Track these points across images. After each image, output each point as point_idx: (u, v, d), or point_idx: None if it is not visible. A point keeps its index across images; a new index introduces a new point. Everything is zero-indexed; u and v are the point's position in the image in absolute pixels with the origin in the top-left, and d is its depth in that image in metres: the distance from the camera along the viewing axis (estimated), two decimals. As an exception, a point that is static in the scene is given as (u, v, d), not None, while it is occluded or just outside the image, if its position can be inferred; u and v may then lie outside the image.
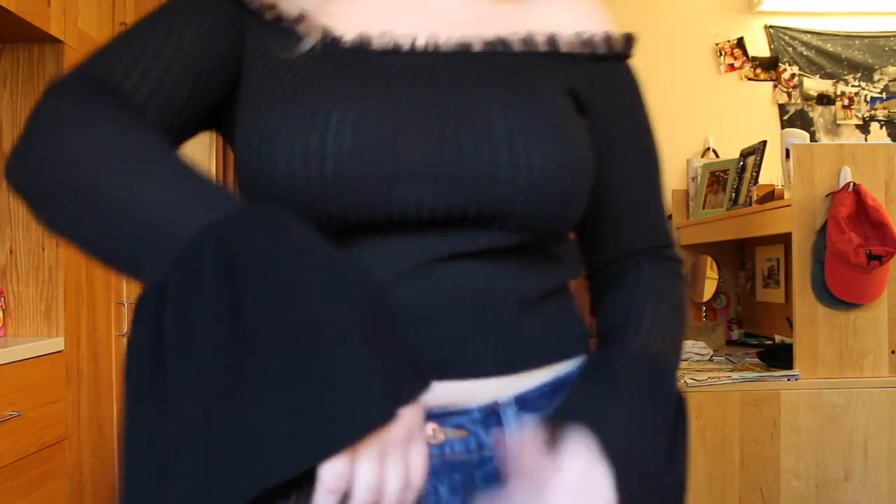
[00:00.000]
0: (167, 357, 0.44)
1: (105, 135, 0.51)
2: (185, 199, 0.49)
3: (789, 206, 1.97)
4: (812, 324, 1.93)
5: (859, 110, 3.11)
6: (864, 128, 3.11)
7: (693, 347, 2.24)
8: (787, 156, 2.02)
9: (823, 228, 1.91)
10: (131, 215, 0.48)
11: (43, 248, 2.12)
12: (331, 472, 0.43)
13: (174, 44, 0.58)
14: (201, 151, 3.13)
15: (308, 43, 0.60)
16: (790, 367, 1.96)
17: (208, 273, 0.45)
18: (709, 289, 2.90)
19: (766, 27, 3.13)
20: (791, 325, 1.99)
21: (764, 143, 2.48)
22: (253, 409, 0.42)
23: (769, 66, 3.12)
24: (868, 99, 3.11)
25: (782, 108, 3.12)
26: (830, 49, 3.12)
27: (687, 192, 2.94)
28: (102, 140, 0.51)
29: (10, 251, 2.12)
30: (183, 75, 0.59)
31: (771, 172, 2.68)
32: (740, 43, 3.13)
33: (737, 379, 1.89)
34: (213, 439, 0.43)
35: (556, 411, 0.58)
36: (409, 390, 0.46)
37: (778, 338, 2.51)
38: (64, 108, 0.53)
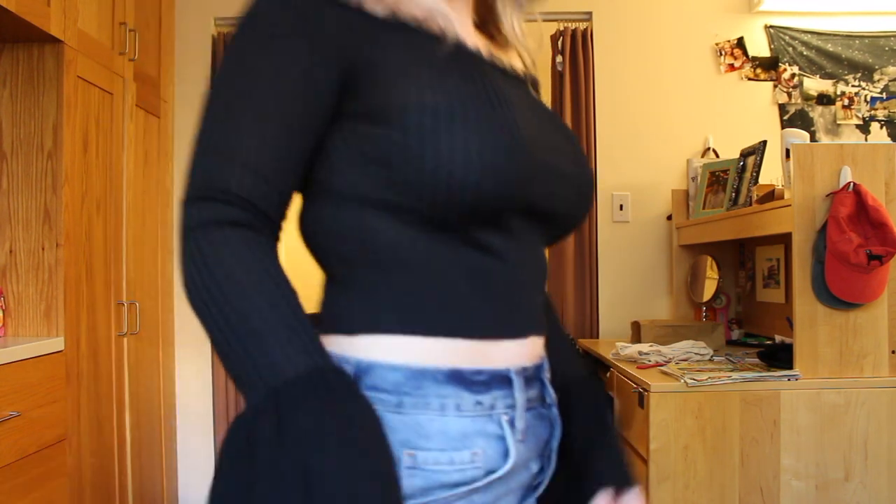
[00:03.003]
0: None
1: (228, 261, 0.62)
2: (288, 351, 0.60)
3: (789, 206, 1.97)
4: (812, 324, 1.93)
5: (859, 110, 3.11)
6: (864, 128, 3.11)
7: (693, 347, 2.24)
8: (787, 156, 2.02)
9: (823, 228, 1.91)
10: (255, 363, 0.60)
11: (43, 248, 2.11)
12: None
13: (286, 145, 0.65)
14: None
15: (453, 46, 0.69)
16: (790, 367, 1.96)
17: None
18: (709, 289, 2.90)
19: (766, 27, 3.13)
20: (791, 325, 1.99)
21: (764, 143, 2.48)
22: None
23: (769, 66, 3.12)
24: (868, 99, 3.11)
25: (782, 108, 3.12)
26: (830, 49, 3.12)
27: (687, 192, 2.95)
28: (225, 267, 0.62)
29: (10, 251, 2.12)
30: (299, 157, 0.67)
31: (771, 172, 2.68)
32: (740, 43, 3.12)
33: (737, 379, 1.89)
34: None
35: (620, 476, 0.80)
36: None
37: (778, 338, 2.51)
38: (209, 246, 0.63)
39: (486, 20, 0.86)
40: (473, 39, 0.77)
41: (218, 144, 0.65)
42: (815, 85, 3.12)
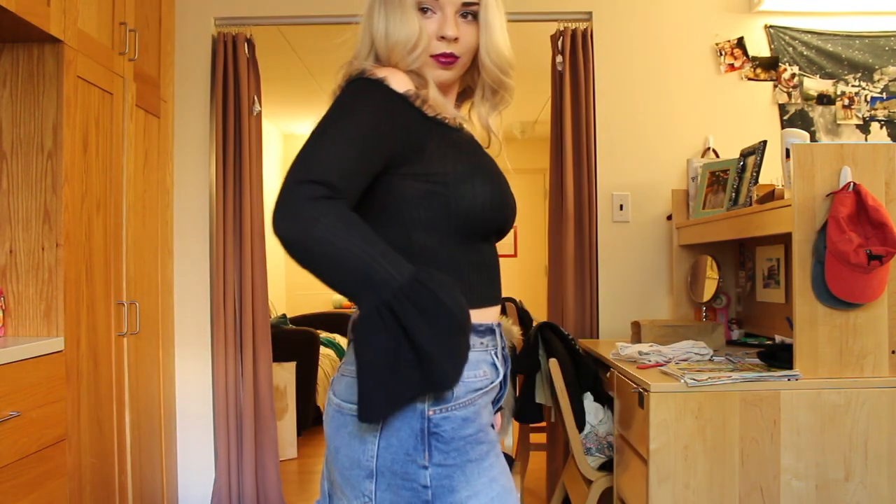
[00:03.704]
0: (407, 330, 0.95)
1: (341, 222, 0.95)
2: (388, 265, 0.97)
3: (789, 206, 1.97)
4: (812, 324, 1.93)
5: (859, 110, 3.11)
6: (864, 128, 3.11)
7: (693, 347, 2.24)
8: (788, 156, 2.02)
9: (823, 228, 1.91)
10: (359, 270, 0.95)
11: (43, 248, 2.12)
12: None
13: (371, 172, 1.04)
14: (202, 155, 3.13)
15: (466, 135, 1.20)
16: (790, 367, 1.96)
17: (417, 302, 0.97)
18: (709, 289, 2.90)
19: (766, 27, 3.13)
20: (791, 325, 1.99)
21: (764, 143, 2.48)
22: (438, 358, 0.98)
23: (769, 66, 3.12)
24: (868, 99, 3.11)
25: (782, 108, 3.12)
26: (830, 49, 3.12)
27: (687, 192, 2.95)
28: (340, 225, 0.95)
29: (10, 251, 2.12)
30: (366, 178, 1.05)
31: (771, 172, 2.68)
32: (740, 43, 3.12)
33: (737, 379, 1.89)
34: (436, 365, 0.97)
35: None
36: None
37: (778, 338, 2.51)
38: (316, 206, 0.95)
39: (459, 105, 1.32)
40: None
41: (329, 155, 0.99)
42: (815, 85, 3.12)
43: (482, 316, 1.14)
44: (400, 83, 1.10)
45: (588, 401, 2.46)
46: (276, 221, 0.94)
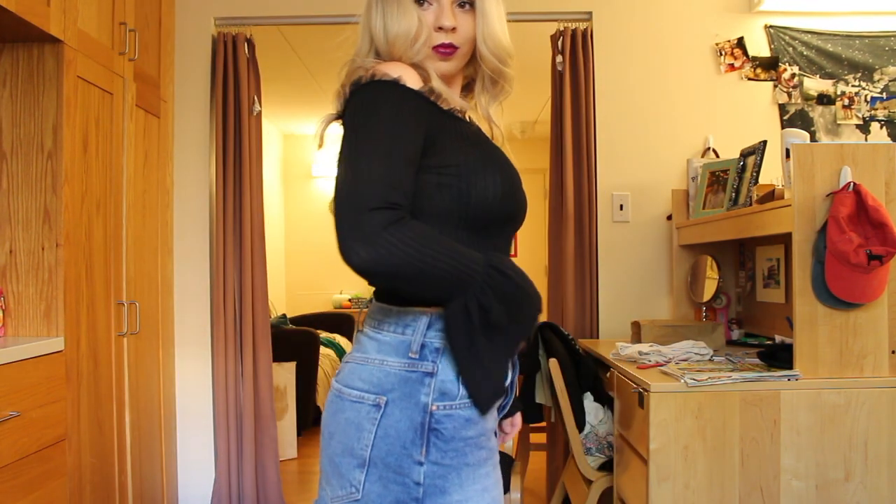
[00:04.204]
0: (491, 315, 1.01)
1: (415, 240, 0.98)
2: (467, 262, 1.02)
3: (789, 206, 1.97)
4: (812, 324, 1.93)
5: (859, 110, 3.11)
6: (864, 128, 3.11)
7: (693, 347, 2.24)
8: (788, 156, 2.02)
9: (823, 228, 1.91)
10: (444, 279, 1.00)
11: (43, 248, 2.11)
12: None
13: (416, 165, 1.06)
14: (202, 155, 3.12)
15: (475, 126, 1.22)
16: (790, 367, 1.96)
17: (495, 293, 1.03)
18: (709, 289, 2.90)
19: (766, 27, 3.13)
20: (791, 325, 1.99)
21: (764, 143, 2.48)
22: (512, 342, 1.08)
23: (769, 66, 3.12)
24: (868, 99, 3.11)
25: (782, 108, 3.12)
26: (830, 49, 3.12)
27: (687, 192, 2.94)
28: (415, 244, 0.98)
29: (10, 251, 2.12)
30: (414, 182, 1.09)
31: (771, 172, 2.68)
32: (740, 43, 3.12)
33: (737, 379, 1.89)
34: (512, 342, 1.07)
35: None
36: None
37: (778, 338, 2.51)
38: (386, 226, 0.97)
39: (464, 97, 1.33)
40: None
41: (382, 175, 1.00)
42: (815, 85, 3.12)
43: None
44: (413, 80, 1.10)
45: (588, 401, 2.46)
46: (355, 253, 0.95)
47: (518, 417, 1.37)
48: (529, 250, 7.19)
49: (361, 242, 0.95)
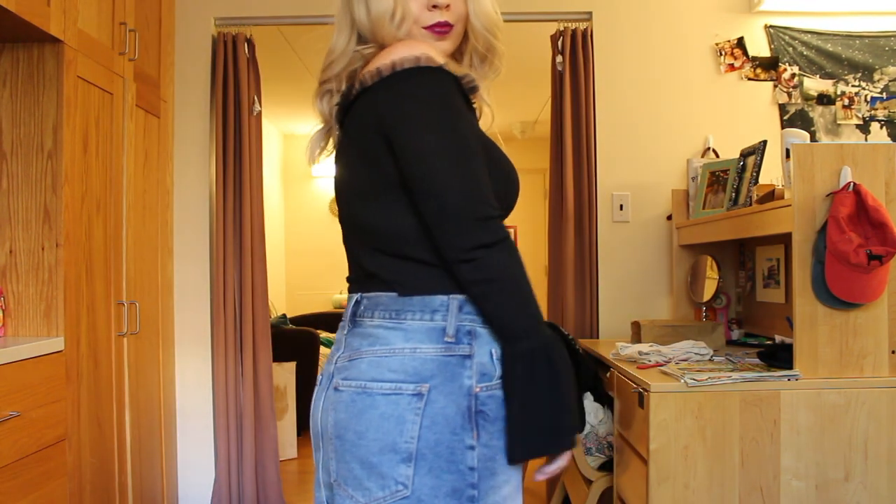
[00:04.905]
0: (555, 373, 1.05)
1: (513, 255, 1.04)
2: (536, 314, 1.05)
3: (789, 206, 1.97)
4: (812, 324, 1.93)
5: (859, 110, 3.11)
6: (864, 128, 3.10)
7: (693, 347, 2.24)
8: (787, 156, 2.02)
9: (823, 228, 1.91)
10: (527, 315, 1.05)
11: (43, 248, 2.11)
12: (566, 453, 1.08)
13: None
14: (202, 155, 3.13)
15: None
16: (790, 367, 1.96)
17: (552, 355, 1.05)
18: (709, 289, 2.90)
19: (766, 27, 3.13)
20: (791, 325, 1.99)
21: (764, 143, 2.48)
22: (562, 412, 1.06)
23: (769, 66, 3.12)
24: (868, 99, 3.11)
25: (782, 108, 3.12)
26: (830, 49, 3.12)
27: (687, 192, 2.94)
28: (516, 264, 1.05)
29: (10, 251, 2.12)
30: None
31: (771, 172, 2.68)
32: (740, 43, 3.12)
33: (737, 379, 1.89)
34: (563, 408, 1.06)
35: None
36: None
37: (778, 338, 2.51)
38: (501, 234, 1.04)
39: None
40: None
41: (478, 183, 1.02)
42: (815, 85, 3.12)
43: None
44: (454, 65, 1.11)
45: (588, 401, 2.46)
46: (481, 257, 1.01)
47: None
48: (529, 250, 7.19)
49: (496, 247, 1.01)
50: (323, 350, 4.88)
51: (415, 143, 1.02)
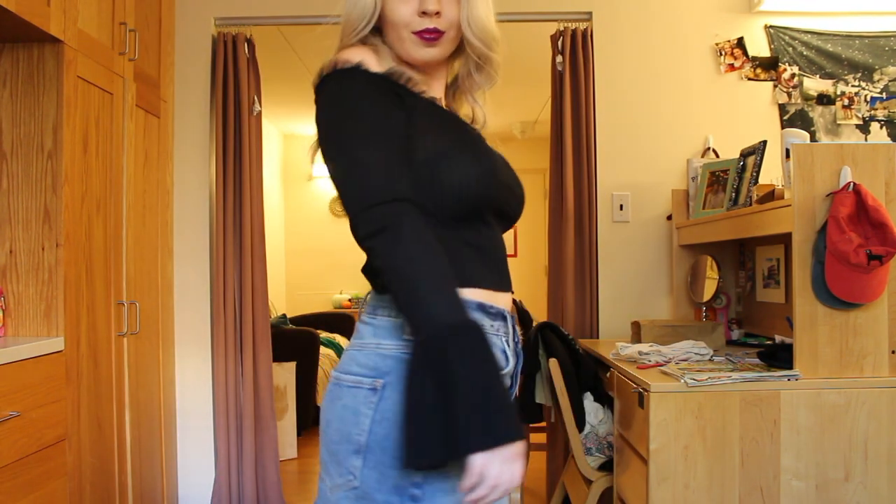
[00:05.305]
0: (449, 372, 0.93)
1: (433, 241, 0.99)
2: (451, 303, 0.97)
3: (789, 206, 1.97)
4: (812, 324, 1.93)
5: (859, 110, 3.11)
6: (864, 128, 3.10)
7: (693, 347, 2.24)
8: (787, 156, 2.02)
9: (823, 228, 1.91)
10: (417, 305, 0.96)
11: (43, 248, 2.11)
12: (479, 460, 0.92)
13: (409, 164, 1.04)
14: (202, 155, 3.12)
15: (449, 112, 1.19)
16: (790, 367, 1.96)
17: (465, 343, 0.95)
18: (709, 289, 2.90)
19: (766, 27, 3.13)
20: (791, 325, 1.99)
21: (764, 143, 2.48)
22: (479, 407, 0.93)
23: (769, 66, 3.12)
24: (868, 99, 3.11)
25: (782, 108, 3.12)
26: (830, 49, 3.12)
27: (687, 192, 2.94)
28: (434, 246, 0.99)
29: (10, 251, 2.12)
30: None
31: (771, 172, 2.68)
32: (740, 43, 3.12)
33: (737, 379, 1.89)
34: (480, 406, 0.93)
35: None
36: (521, 430, 0.95)
37: (778, 338, 2.51)
38: (403, 218, 0.99)
39: (452, 92, 1.29)
40: (448, 105, 1.26)
41: (377, 169, 1.01)
42: (815, 85, 3.12)
43: (492, 298, 1.11)
44: (374, 62, 1.10)
45: (588, 401, 2.46)
46: (375, 248, 0.98)
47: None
48: (529, 250, 7.18)
49: (379, 235, 0.97)
50: (323, 350, 4.88)
51: (324, 148, 1.06)
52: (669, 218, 3.07)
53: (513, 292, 1.20)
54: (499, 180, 1.13)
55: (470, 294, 1.06)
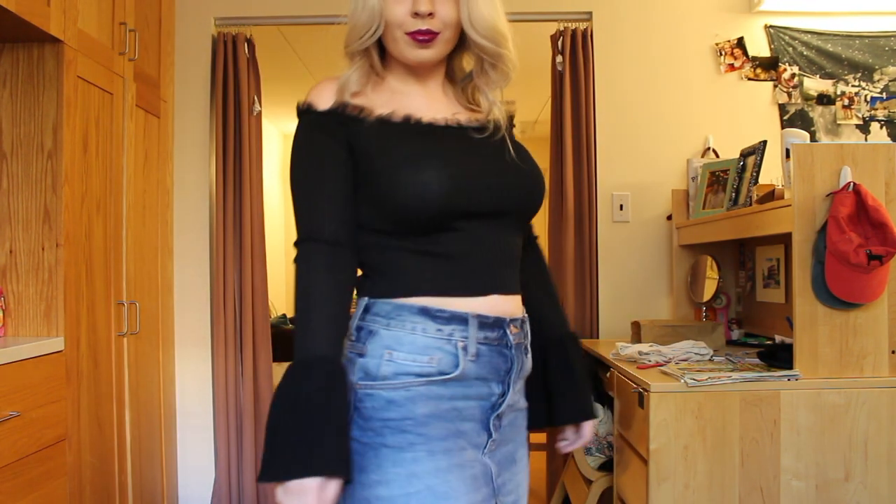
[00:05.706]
0: (274, 397, 1.03)
1: (324, 280, 1.07)
2: (313, 339, 1.04)
3: (789, 206, 1.97)
4: (812, 324, 1.93)
5: (859, 110, 3.11)
6: (864, 128, 3.10)
7: (693, 347, 2.24)
8: (787, 156, 2.02)
9: (823, 228, 1.91)
10: (300, 333, 1.05)
11: (43, 248, 2.12)
12: (276, 487, 1.03)
13: (344, 199, 1.10)
14: (202, 155, 3.12)
15: (411, 124, 1.14)
16: (790, 367, 1.96)
17: (297, 377, 1.03)
18: (709, 289, 2.90)
19: (766, 27, 3.13)
20: (791, 325, 1.99)
21: (764, 143, 2.48)
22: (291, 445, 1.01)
23: (769, 66, 3.12)
24: (868, 99, 3.11)
25: (782, 108, 3.12)
26: (830, 49, 3.12)
27: (687, 192, 2.94)
28: (323, 285, 1.07)
29: (10, 251, 2.12)
30: (350, 205, 1.12)
31: (771, 172, 2.68)
32: (740, 43, 3.12)
33: (737, 379, 1.89)
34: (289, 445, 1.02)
35: (579, 414, 1.33)
36: (322, 468, 1.00)
37: (778, 338, 2.51)
38: (312, 261, 1.08)
39: (463, 88, 1.26)
40: (436, 110, 1.19)
41: (305, 212, 1.10)
42: (815, 85, 3.12)
43: (443, 303, 1.09)
44: (326, 98, 1.13)
45: (588, 401, 2.46)
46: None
47: (586, 427, 1.34)
48: (529, 250, 7.19)
49: (296, 264, 1.09)
50: (323, 350, 4.86)
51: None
52: (669, 218, 3.07)
53: (515, 293, 1.19)
54: (469, 183, 1.10)
55: (414, 301, 1.10)
